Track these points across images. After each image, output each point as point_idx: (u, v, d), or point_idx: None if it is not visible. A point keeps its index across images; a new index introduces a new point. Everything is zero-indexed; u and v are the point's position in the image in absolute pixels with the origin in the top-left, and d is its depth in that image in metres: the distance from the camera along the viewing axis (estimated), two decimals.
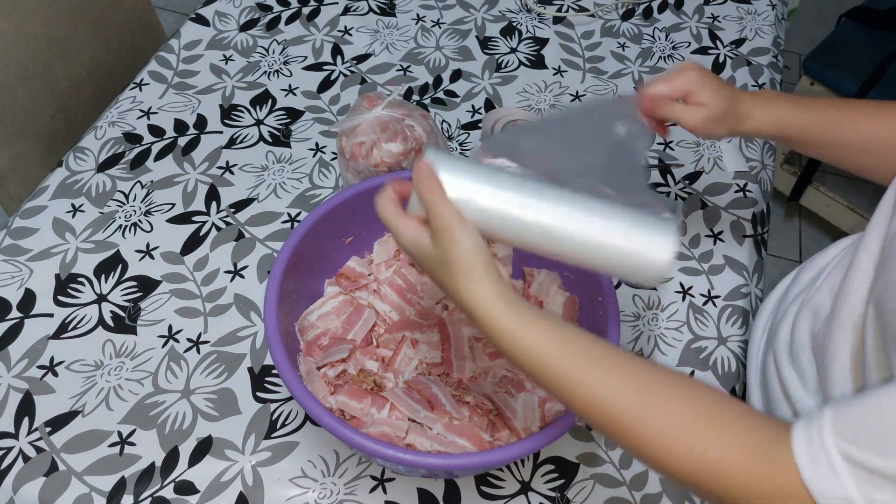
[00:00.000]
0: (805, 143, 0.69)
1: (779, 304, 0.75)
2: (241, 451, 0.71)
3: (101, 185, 0.92)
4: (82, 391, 0.75)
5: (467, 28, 1.14)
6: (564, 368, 0.49)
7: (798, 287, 0.71)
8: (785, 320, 0.69)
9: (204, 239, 0.87)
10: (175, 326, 0.80)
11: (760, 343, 0.74)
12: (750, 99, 0.68)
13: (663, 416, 0.47)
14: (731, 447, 0.45)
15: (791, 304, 0.70)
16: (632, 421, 0.47)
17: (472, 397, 0.70)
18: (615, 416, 0.48)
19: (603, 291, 0.67)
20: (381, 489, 0.70)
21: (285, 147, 0.97)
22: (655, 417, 0.47)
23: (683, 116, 0.67)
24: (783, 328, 0.68)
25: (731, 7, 1.19)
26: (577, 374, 0.49)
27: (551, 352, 0.50)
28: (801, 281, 0.72)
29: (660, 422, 0.47)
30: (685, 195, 0.94)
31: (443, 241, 0.51)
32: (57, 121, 1.12)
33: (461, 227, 0.51)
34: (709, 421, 0.46)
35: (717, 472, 0.45)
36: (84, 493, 0.68)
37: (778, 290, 0.77)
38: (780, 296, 0.75)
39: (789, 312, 0.69)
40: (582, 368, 0.49)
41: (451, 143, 0.98)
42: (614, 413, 0.48)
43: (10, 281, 0.82)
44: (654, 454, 0.47)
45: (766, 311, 0.76)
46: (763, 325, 0.75)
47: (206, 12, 1.14)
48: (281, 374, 0.60)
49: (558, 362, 0.49)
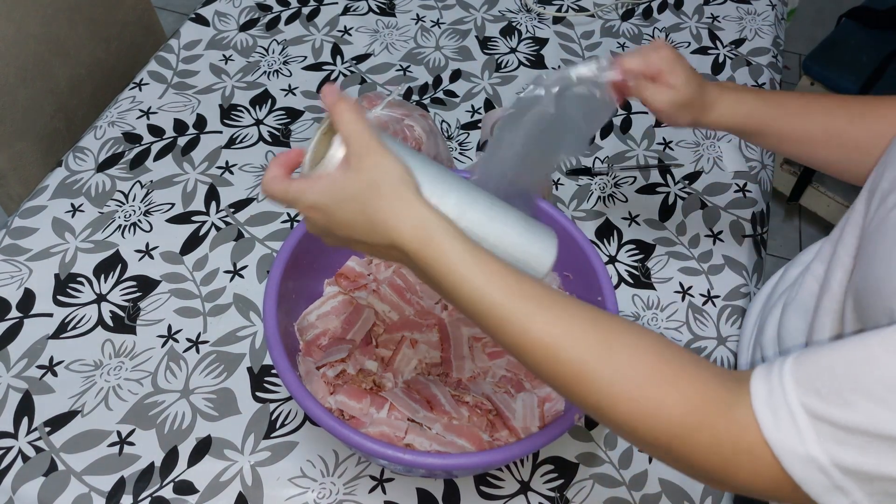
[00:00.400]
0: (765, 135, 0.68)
1: (766, 300, 0.75)
2: (241, 450, 0.71)
3: (100, 184, 0.92)
4: (82, 391, 0.75)
5: (467, 28, 1.14)
6: (521, 306, 0.45)
7: (784, 284, 0.72)
8: (772, 317, 0.69)
9: (203, 239, 0.87)
10: (174, 326, 0.80)
11: (750, 342, 0.74)
12: (716, 89, 0.67)
13: (625, 368, 0.44)
14: (688, 398, 0.43)
15: (778, 299, 0.70)
16: (590, 368, 0.44)
17: (472, 397, 0.70)
18: (572, 364, 0.45)
19: (603, 291, 0.67)
20: (380, 489, 0.70)
21: (285, 147, 0.97)
22: (617, 369, 0.44)
23: (651, 96, 0.65)
24: (770, 324, 0.69)
25: (730, 7, 1.19)
26: (536, 315, 0.46)
27: (507, 287, 0.46)
28: (787, 278, 0.72)
29: (620, 373, 0.44)
30: (685, 195, 0.94)
31: (366, 162, 0.47)
32: (57, 121, 1.12)
33: (385, 149, 0.47)
34: (666, 372, 0.44)
35: (670, 425, 0.43)
36: (83, 493, 0.68)
37: (766, 289, 0.77)
38: (767, 294, 0.76)
39: (776, 308, 0.69)
40: (541, 308, 0.46)
41: (450, 143, 0.98)
42: (571, 360, 0.45)
43: (9, 281, 0.82)
44: (606, 405, 0.44)
45: (755, 310, 0.76)
46: (752, 323, 0.75)
47: (205, 12, 1.14)
48: (280, 373, 0.60)
49: (516, 298, 0.46)
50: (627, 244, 0.89)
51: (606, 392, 0.44)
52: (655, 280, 0.86)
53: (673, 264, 0.87)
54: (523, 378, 0.73)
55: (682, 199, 0.93)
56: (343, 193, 0.47)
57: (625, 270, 0.86)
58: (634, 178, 0.96)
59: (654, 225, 0.91)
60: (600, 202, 0.93)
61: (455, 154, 0.97)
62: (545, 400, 0.70)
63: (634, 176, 0.96)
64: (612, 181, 0.95)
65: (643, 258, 0.88)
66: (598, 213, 0.92)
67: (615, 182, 0.95)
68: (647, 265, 0.87)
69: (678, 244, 0.89)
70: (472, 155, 0.97)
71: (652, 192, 0.94)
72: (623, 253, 0.88)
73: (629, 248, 0.89)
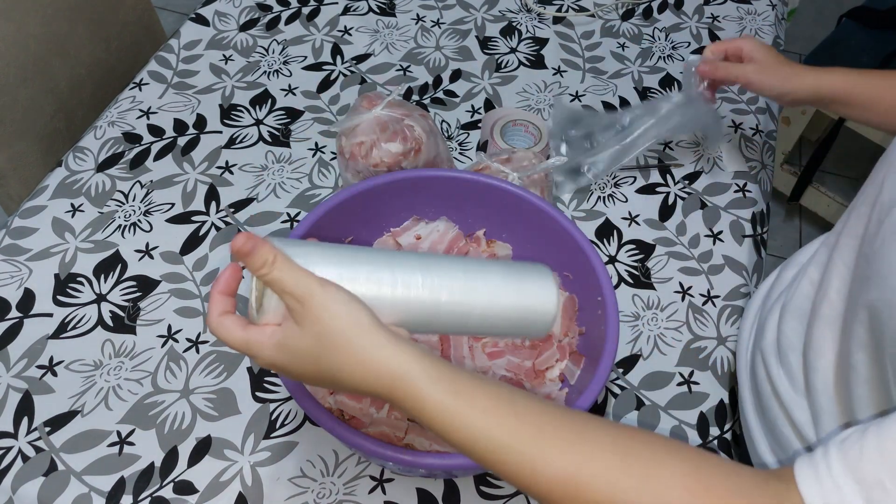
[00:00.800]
0: (850, 105, 0.76)
1: (763, 302, 0.75)
2: (241, 451, 0.71)
3: (100, 184, 0.92)
4: (81, 391, 0.75)
5: (467, 28, 1.14)
6: (528, 442, 0.40)
7: (781, 285, 0.72)
8: (770, 319, 0.69)
9: (203, 239, 0.87)
10: (174, 326, 0.80)
11: (748, 343, 0.74)
12: (799, 65, 0.79)
13: (664, 498, 0.40)
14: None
15: (775, 302, 0.70)
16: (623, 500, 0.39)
17: None
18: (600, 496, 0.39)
19: (603, 291, 0.67)
20: (380, 489, 0.70)
21: (285, 147, 0.97)
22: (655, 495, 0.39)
23: (737, 71, 0.79)
24: (769, 327, 0.68)
25: (731, 7, 1.19)
26: (547, 448, 0.40)
27: (503, 424, 0.40)
28: (783, 279, 0.72)
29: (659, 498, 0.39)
30: (685, 195, 0.94)
31: (309, 314, 0.41)
32: (57, 121, 1.12)
33: (323, 286, 0.42)
34: (710, 495, 0.39)
35: None
36: (83, 493, 0.68)
37: (762, 289, 0.77)
38: (764, 294, 0.75)
39: (774, 311, 0.69)
40: (548, 439, 0.40)
41: (450, 143, 0.98)
42: (598, 491, 0.39)
43: (9, 281, 0.82)
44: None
45: (753, 311, 0.76)
46: (750, 324, 0.75)
47: (205, 12, 1.14)
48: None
49: (523, 436, 0.40)
50: (627, 244, 0.89)
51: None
52: (655, 280, 0.86)
53: (673, 264, 0.87)
54: (523, 378, 0.73)
55: (682, 199, 0.93)
56: (296, 350, 0.43)
57: (625, 270, 0.86)
58: (634, 178, 0.96)
59: (654, 225, 0.91)
60: (600, 202, 0.93)
61: (455, 154, 0.97)
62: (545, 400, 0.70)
63: (634, 176, 0.96)
64: (612, 181, 0.95)
65: (643, 258, 0.88)
66: (598, 213, 0.92)
67: (615, 182, 0.95)
68: (647, 265, 0.87)
69: (678, 244, 0.89)
70: (472, 155, 0.97)
71: (652, 192, 0.94)
72: (623, 253, 0.88)
73: (629, 248, 0.89)
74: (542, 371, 0.73)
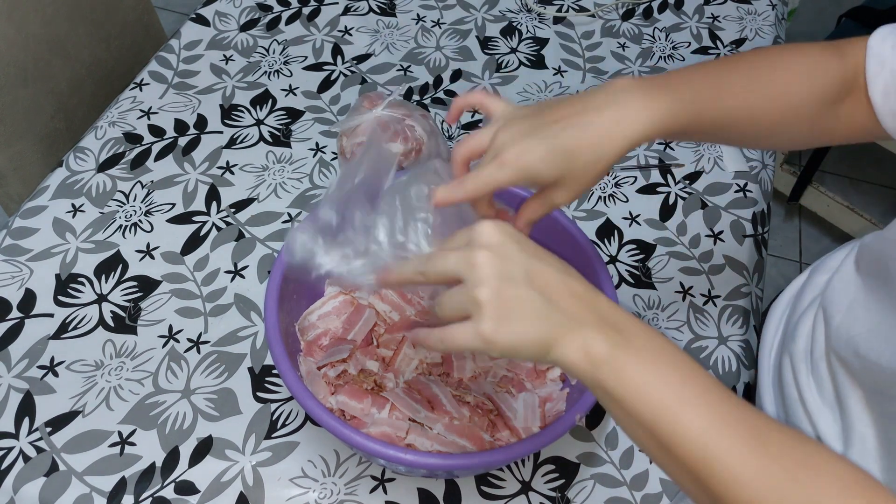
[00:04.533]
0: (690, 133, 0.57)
1: (793, 304, 0.73)
2: (242, 451, 0.71)
3: (101, 185, 0.92)
4: (82, 391, 0.75)
5: (467, 28, 1.14)
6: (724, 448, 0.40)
7: (813, 290, 0.71)
8: (802, 325, 0.68)
9: (204, 239, 0.87)
10: (175, 326, 0.80)
11: (773, 343, 0.73)
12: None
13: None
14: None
15: (808, 308, 0.69)
16: None
17: (473, 397, 0.70)
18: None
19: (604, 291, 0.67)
20: (381, 489, 0.70)
21: (285, 147, 0.97)
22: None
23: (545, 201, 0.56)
24: (801, 333, 0.67)
25: (731, 7, 1.19)
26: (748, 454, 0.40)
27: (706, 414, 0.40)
28: (815, 283, 0.71)
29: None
30: (685, 195, 0.94)
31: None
32: (57, 121, 1.12)
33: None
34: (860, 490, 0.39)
35: None
36: (84, 494, 0.68)
37: (790, 290, 0.76)
38: (793, 296, 0.74)
39: (806, 317, 0.68)
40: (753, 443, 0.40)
41: (451, 143, 0.98)
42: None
43: (10, 281, 0.82)
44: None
45: (778, 311, 0.75)
46: (776, 325, 0.74)
47: (206, 12, 1.14)
48: (281, 374, 0.60)
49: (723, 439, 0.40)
50: (628, 244, 0.89)
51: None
52: (656, 280, 0.86)
53: (673, 264, 0.87)
54: (524, 378, 0.73)
55: (683, 199, 0.93)
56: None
57: (625, 270, 0.86)
58: (635, 177, 0.96)
59: (655, 225, 0.91)
60: (600, 202, 0.93)
61: None
62: (546, 400, 0.70)
63: (635, 176, 0.96)
64: (613, 181, 0.95)
65: (644, 258, 0.88)
66: (598, 212, 0.92)
67: (615, 182, 0.95)
68: (647, 265, 0.87)
69: (679, 244, 0.89)
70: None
71: (652, 191, 0.94)
72: (623, 253, 0.88)
73: (630, 247, 0.89)
74: (544, 371, 0.73)
